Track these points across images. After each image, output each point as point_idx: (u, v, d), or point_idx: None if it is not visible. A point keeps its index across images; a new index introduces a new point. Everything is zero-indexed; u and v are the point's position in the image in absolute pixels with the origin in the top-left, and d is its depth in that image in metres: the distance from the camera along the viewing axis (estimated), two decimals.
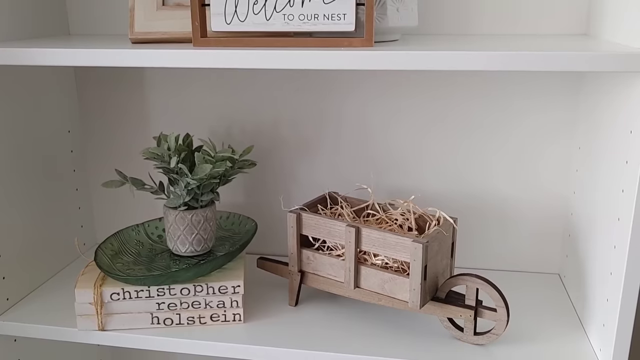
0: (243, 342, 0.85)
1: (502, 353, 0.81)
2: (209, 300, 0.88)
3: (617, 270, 0.74)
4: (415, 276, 0.81)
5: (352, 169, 1.05)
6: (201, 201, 0.91)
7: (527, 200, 1.02)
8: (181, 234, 0.92)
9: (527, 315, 0.91)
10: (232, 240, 0.99)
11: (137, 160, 1.11)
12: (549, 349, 0.82)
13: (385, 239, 0.83)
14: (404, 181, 1.04)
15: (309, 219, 0.89)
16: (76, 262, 1.11)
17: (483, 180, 1.02)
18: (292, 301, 0.94)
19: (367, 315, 0.91)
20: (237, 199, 1.11)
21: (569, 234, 0.98)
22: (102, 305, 0.86)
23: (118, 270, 0.89)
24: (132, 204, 1.14)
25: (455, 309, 0.82)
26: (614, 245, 0.76)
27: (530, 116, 0.98)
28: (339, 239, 0.87)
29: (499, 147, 1.00)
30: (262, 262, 0.98)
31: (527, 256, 1.05)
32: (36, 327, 0.90)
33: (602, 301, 0.79)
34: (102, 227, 1.17)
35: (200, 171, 0.87)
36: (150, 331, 0.87)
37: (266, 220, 1.11)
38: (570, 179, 0.99)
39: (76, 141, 1.10)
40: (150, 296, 0.87)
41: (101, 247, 0.93)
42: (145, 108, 1.08)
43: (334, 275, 0.89)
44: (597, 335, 0.81)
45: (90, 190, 1.15)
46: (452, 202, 1.04)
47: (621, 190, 0.74)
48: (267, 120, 1.05)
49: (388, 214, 0.93)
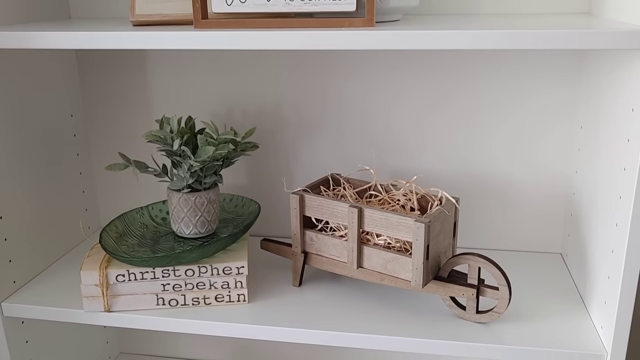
0: (247, 322, 0.85)
1: (504, 331, 0.82)
2: (213, 281, 0.89)
3: (618, 248, 0.74)
4: (417, 256, 0.81)
5: (354, 150, 1.06)
6: (204, 183, 0.92)
7: (529, 180, 1.02)
8: (185, 216, 0.92)
9: (529, 294, 0.91)
10: (236, 222, 0.99)
11: (140, 143, 1.11)
12: (551, 327, 0.83)
13: (387, 219, 0.83)
14: (406, 162, 1.04)
15: (312, 200, 0.90)
16: (81, 245, 1.12)
17: (485, 160, 1.02)
18: (296, 282, 0.95)
19: (370, 295, 0.92)
20: (240, 182, 1.11)
21: (571, 213, 0.99)
22: (108, 286, 0.87)
23: (123, 252, 0.90)
24: (135, 187, 1.15)
25: (458, 287, 0.83)
26: (615, 223, 0.76)
27: (532, 96, 0.98)
28: (341, 220, 0.87)
29: (501, 127, 1.00)
30: (266, 244, 0.99)
31: (529, 236, 1.05)
32: (43, 309, 0.91)
33: (603, 279, 0.80)
34: (107, 210, 1.18)
35: (203, 153, 0.87)
36: (155, 312, 0.88)
37: (269, 202, 1.11)
38: (572, 158, 0.99)
39: (79, 125, 1.10)
40: (155, 277, 0.88)
41: (106, 229, 0.94)
42: (147, 91, 1.08)
43: (337, 255, 0.90)
44: (598, 312, 0.82)
45: (94, 174, 1.15)
46: (454, 182, 1.04)
47: (623, 169, 0.74)
48: (268, 102, 1.05)
49: (390, 195, 0.94)
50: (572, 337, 0.80)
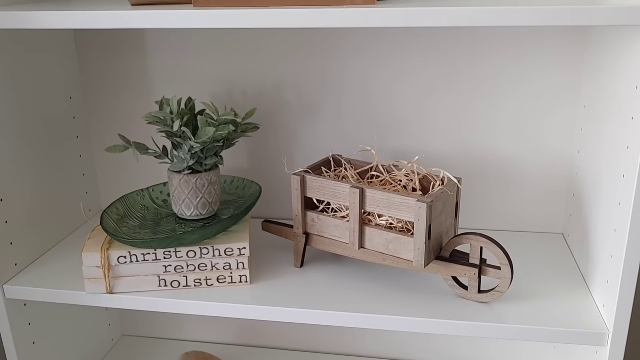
0: (250, 303, 0.86)
1: (506, 310, 0.82)
2: (215, 263, 0.89)
3: (621, 226, 0.74)
4: (419, 236, 0.81)
5: (355, 131, 1.05)
6: (205, 165, 0.92)
7: (531, 160, 1.02)
8: (186, 197, 0.92)
9: (531, 274, 0.92)
10: (237, 204, 0.99)
11: (140, 125, 1.11)
12: (553, 306, 0.83)
13: (389, 200, 0.83)
14: (407, 143, 1.04)
15: (313, 181, 0.89)
16: (82, 227, 1.12)
17: (487, 140, 1.02)
18: (298, 263, 0.95)
19: (371, 276, 0.92)
20: (240, 164, 1.11)
21: (573, 193, 0.98)
22: (110, 268, 0.87)
23: (124, 234, 0.90)
24: (136, 169, 1.14)
25: (460, 267, 0.83)
26: (618, 202, 0.76)
27: (534, 77, 0.97)
28: (343, 201, 0.87)
29: (503, 107, 1.00)
30: (267, 225, 0.99)
31: (531, 216, 1.05)
32: (45, 291, 0.91)
33: (605, 258, 0.80)
34: (107, 193, 1.17)
35: (204, 134, 0.87)
36: (157, 293, 0.89)
37: (270, 184, 1.11)
38: (575, 138, 0.99)
39: (78, 107, 1.10)
40: (157, 259, 0.87)
41: (107, 211, 0.94)
42: (146, 73, 1.08)
43: (339, 236, 0.90)
44: (600, 292, 0.82)
45: (94, 157, 1.15)
46: (456, 163, 1.04)
47: (626, 147, 0.73)
48: (269, 83, 1.05)
49: (392, 175, 0.93)
50: (574, 316, 0.81)
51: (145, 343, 1.26)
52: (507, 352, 1.14)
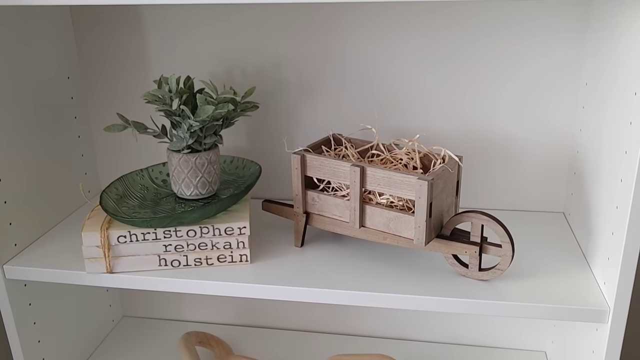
0: (250, 281, 0.85)
1: (507, 288, 0.82)
2: (215, 242, 0.88)
3: (623, 203, 0.74)
4: (420, 213, 0.81)
5: (356, 110, 1.04)
6: (204, 144, 0.91)
7: (533, 139, 1.01)
8: (185, 177, 0.92)
9: (532, 252, 0.91)
10: (237, 183, 0.98)
11: (138, 105, 1.10)
12: (554, 284, 0.83)
13: (390, 178, 0.82)
14: (408, 122, 1.03)
15: (314, 160, 0.89)
16: (82, 208, 1.12)
17: (488, 119, 1.01)
18: (298, 242, 0.94)
19: (372, 255, 0.92)
20: (240, 143, 1.10)
21: (574, 171, 0.98)
22: (109, 248, 0.87)
23: (124, 213, 0.89)
24: (135, 150, 1.14)
25: (460, 245, 0.83)
26: (620, 179, 0.75)
27: (536, 55, 0.96)
28: (343, 179, 0.87)
29: (505, 85, 0.99)
30: (267, 205, 0.99)
31: (531, 195, 1.05)
32: (45, 271, 0.91)
33: (607, 235, 0.80)
34: (106, 174, 1.17)
35: (203, 113, 0.86)
36: (157, 273, 0.88)
37: (270, 163, 1.10)
38: (577, 116, 0.98)
39: (76, 87, 1.09)
40: (157, 238, 0.87)
41: (106, 191, 0.93)
42: (145, 52, 1.07)
43: (339, 215, 0.89)
44: (601, 269, 0.82)
45: (92, 137, 1.14)
46: (457, 142, 1.03)
47: (629, 123, 0.73)
48: (268, 62, 1.04)
49: (393, 154, 0.93)
50: (575, 293, 0.81)
51: (145, 324, 1.26)
52: (507, 331, 1.14)
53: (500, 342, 1.15)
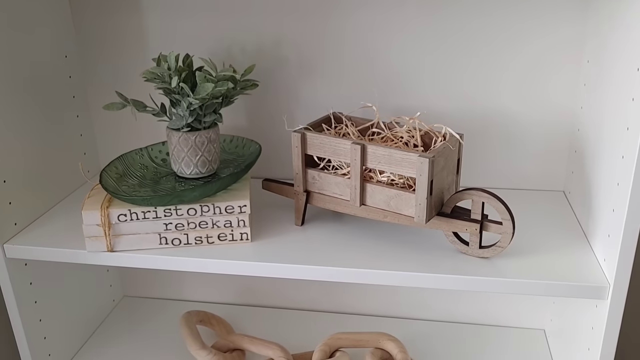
0: (251, 259, 0.86)
1: (507, 265, 0.82)
2: (215, 220, 0.88)
3: (624, 179, 0.74)
4: (421, 191, 0.81)
5: (356, 89, 1.04)
6: (204, 122, 0.90)
7: (533, 118, 1.01)
8: (185, 155, 0.91)
9: (532, 230, 0.92)
10: (237, 162, 0.98)
11: (137, 84, 1.09)
12: (554, 261, 0.83)
13: (391, 155, 0.82)
14: (408, 101, 1.03)
15: (314, 138, 0.88)
16: (82, 188, 1.11)
17: (488, 98, 1.01)
18: (299, 221, 0.94)
19: (372, 233, 0.92)
20: (239, 122, 1.09)
21: (575, 149, 0.98)
22: (110, 226, 0.87)
23: (124, 192, 0.89)
24: (134, 130, 1.13)
25: (461, 223, 0.83)
26: (621, 155, 0.75)
27: (537, 32, 0.95)
28: (344, 157, 0.86)
29: (505, 64, 0.98)
30: (268, 184, 0.98)
31: (532, 174, 1.05)
32: (45, 250, 0.91)
33: (607, 212, 0.80)
34: (105, 154, 1.16)
35: (202, 90, 0.85)
36: (158, 251, 0.88)
37: (270, 143, 1.10)
38: (578, 94, 0.98)
39: (74, 66, 1.08)
40: (157, 217, 0.87)
41: (106, 170, 0.93)
42: (143, 31, 1.06)
43: (340, 193, 0.89)
44: (601, 246, 0.82)
45: (91, 117, 1.13)
46: (458, 120, 1.03)
47: (631, 99, 0.73)
48: (268, 40, 1.03)
49: (393, 132, 0.92)
50: (575, 270, 0.81)
51: (146, 303, 1.27)
52: (506, 309, 1.15)
53: (500, 321, 1.16)
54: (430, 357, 1.08)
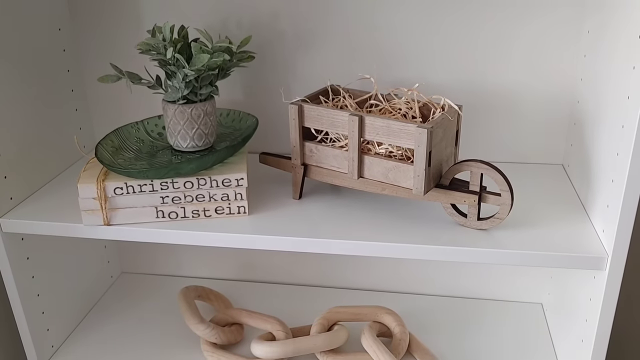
0: (248, 232, 0.85)
1: (505, 237, 0.82)
2: (212, 193, 0.88)
3: (624, 149, 0.73)
4: (419, 162, 0.80)
5: (354, 61, 1.02)
6: (200, 95, 0.89)
7: (533, 90, 1.00)
8: (181, 129, 0.90)
9: (530, 203, 0.91)
10: (234, 136, 0.97)
11: (132, 58, 1.08)
12: (552, 232, 0.83)
13: (389, 127, 0.81)
14: (407, 73, 1.02)
15: (311, 110, 0.87)
16: (78, 163, 1.11)
17: (487, 70, 1.00)
18: (296, 194, 0.94)
19: (371, 206, 0.92)
20: (236, 97, 1.08)
21: (575, 122, 0.97)
22: (106, 200, 0.86)
23: (119, 165, 0.88)
24: (130, 105, 1.12)
25: (459, 194, 0.82)
26: (622, 124, 0.74)
27: (538, 4, 0.94)
28: (342, 130, 0.86)
29: (504, 36, 0.97)
30: (265, 157, 0.98)
31: (530, 147, 1.04)
32: (41, 224, 0.90)
33: (606, 183, 0.79)
34: (101, 129, 1.15)
35: (198, 61, 0.84)
36: (155, 225, 0.88)
37: (267, 117, 1.09)
38: (578, 65, 0.97)
39: (68, 40, 1.06)
40: (154, 190, 0.86)
41: (101, 143, 0.92)
42: (138, 3, 1.04)
43: (338, 166, 0.88)
44: (600, 217, 0.81)
45: (86, 91, 1.12)
46: (457, 92, 1.02)
47: (632, 67, 0.72)
48: (264, 12, 1.01)
49: (391, 104, 0.92)
50: (574, 241, 0.81)
51: (144, 280, 1.27)
52: (504, 284, 1.15)
53: (497, 295, 1.16)
54: (428, 331, 1.08)
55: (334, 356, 0.99)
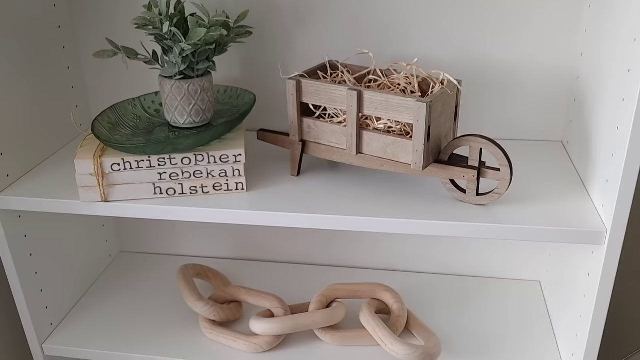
0: (246, 208, 0.85)
1: (504, 212, 0.82)
2: (210, 170, 0.87)
3: (624, 122, 0.73)
4: (418, 137, 0.80)
5: (352, 37, 1.01)
6: (197, 70, 0.89)
7: (532, 66, 0.99)
8: (179, 104, 0.90)
9: (529, 179, 0.91)
10: (231, 113, 0.97)
11: (128, 33, 1.07)
12: (551, 208, 0.82)
13: (388, 101, 0.81)
14: (406, 49, 1.01)
15: (309, 85, 0.87)
16: (75, 141, 1.10)
17: (487, 46, 0.99)
18: (294, 171, 0.93)
19: (369, 182, 0.91)
20: (234, 73, 1.07)
21: (574, 98, 0.96)
22: (103, 176, 0.86)
23: (116, 140, 0.88)
24: (127, 82, 1.11)
25: (458, 169, 0.82)
26: (622, 98, 0.74)
27: None
28: (340, 105, 0.85)
29: (504, 9, 0.96)
30: (263, 134, 0.97)
31: (530, 124, 1.03)
32: (38, 201, 0.90)
33: (606, 157, 0.79)
34: (98, 107, 1.14)
35: (195, 36, 0.83)
36: (153, 201, 0.88)
37: (265, 94, 1.08)
38: (578, 40, 0.96)
39: (63, 16, 1.05)
40: (151, 166, 0.86)
41: (98, 119, 0.91)
42: None
43: (336, 142, 0.88)
44: (599, 192, 0.81)
45: (82, 68, 1.11)
46: (456, 68, 1.01)
47: (633, 40, 0.71)
48: None
49: (390, 79, 0.91)
50: (573, 216, 0.80)
51: (143, 259, 1.27)
52: (502, 262, 1.15)
53: (495, 273, 1.16)
54: (426, 308, 1.09)
55: (332, 333, 0.99)
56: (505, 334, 1.02)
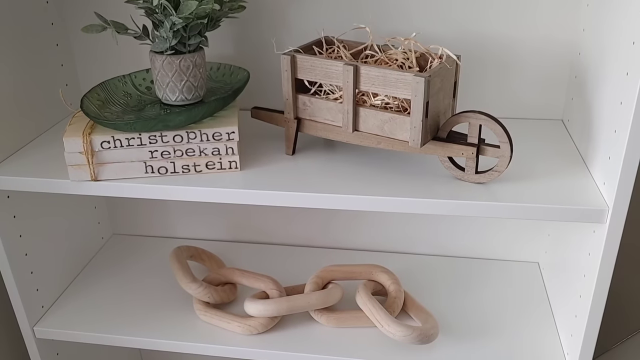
0: (241, 187, 0.83)
1: (504, 190, 0.80)
2: (203, 148, 0.85)
3: (627, 98, 0.71)
4: (416, 113, 0.77)
5: (348, 13, 0.99)
6: (189, 45, 0.86)
7: (532, 43, 0.97)
8: (170, 81, 0.87)
9: (529, 157, 0.89)
10: (224, 90, 0.94)
11: (117, 8, 1.04)
12: (552, 186, 0.81)
13: (385, 77, 0.79)
14: (404, 25, 0.98)
15: (304, 60, 0.84)
16: (65, 120, 1.07)
17: (486, 22, 0.96)
18: (289, 150, 0.91)
19: (366, 161, 0.89)
20: (227, 51, 1.05)
21: (575, 75, 0.94)
22: (93, 154, 0.84)
23: (106, 118, 0.85)
24: (118, 61, 1.08)
25: (457, 147, 0.80)
26: (626, 72, 0.72)
27: None
28: (336, 81, 0.83)
29: None
30: (257, 112, 0.95)
31: (530, 102, 1.01)
32: (27, 180, 0.87)
33: (608, 134, 0.77)
34: (88, 85, 1.12)
35: (186, 9, 0.81)
36: (144, 180, 0.85)
37: (258, 71, 1.06)
38: (580, 15, 0.93)
39: None
40: (142, 144, 0.84)
41: (87, 96, 0.89)
42: None
43: (332, 120, 0.86)
44: (601, 169, 0.79)
45: (71, 45, 1.08)
46: (455, 43, 0.98)
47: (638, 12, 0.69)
48: None
49: (388, 54, 0.88)
50: (574, 194, 0.79)
51: (136, 241, 1.25)
52: (500, 243, 1.13)
53: (493, 254, 1.15)
54: (423, 290, 1.07)
55: (328, 314, 0.98)
56: (503, 316, 1.01)
